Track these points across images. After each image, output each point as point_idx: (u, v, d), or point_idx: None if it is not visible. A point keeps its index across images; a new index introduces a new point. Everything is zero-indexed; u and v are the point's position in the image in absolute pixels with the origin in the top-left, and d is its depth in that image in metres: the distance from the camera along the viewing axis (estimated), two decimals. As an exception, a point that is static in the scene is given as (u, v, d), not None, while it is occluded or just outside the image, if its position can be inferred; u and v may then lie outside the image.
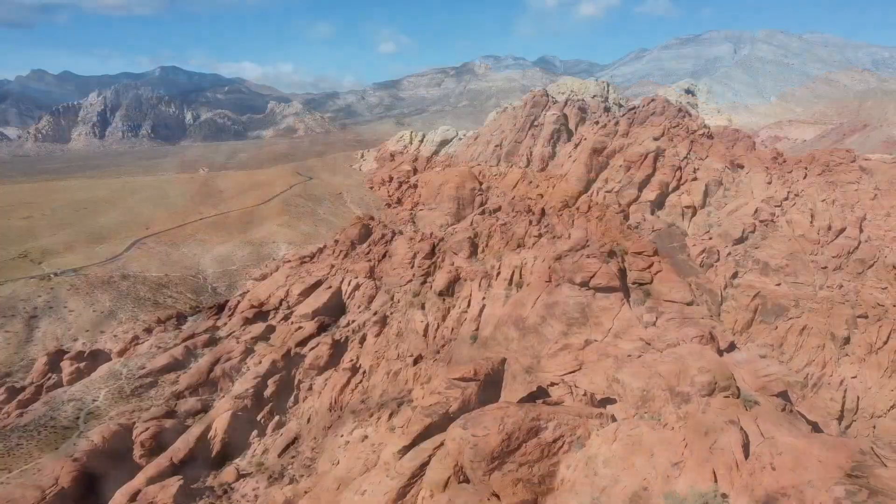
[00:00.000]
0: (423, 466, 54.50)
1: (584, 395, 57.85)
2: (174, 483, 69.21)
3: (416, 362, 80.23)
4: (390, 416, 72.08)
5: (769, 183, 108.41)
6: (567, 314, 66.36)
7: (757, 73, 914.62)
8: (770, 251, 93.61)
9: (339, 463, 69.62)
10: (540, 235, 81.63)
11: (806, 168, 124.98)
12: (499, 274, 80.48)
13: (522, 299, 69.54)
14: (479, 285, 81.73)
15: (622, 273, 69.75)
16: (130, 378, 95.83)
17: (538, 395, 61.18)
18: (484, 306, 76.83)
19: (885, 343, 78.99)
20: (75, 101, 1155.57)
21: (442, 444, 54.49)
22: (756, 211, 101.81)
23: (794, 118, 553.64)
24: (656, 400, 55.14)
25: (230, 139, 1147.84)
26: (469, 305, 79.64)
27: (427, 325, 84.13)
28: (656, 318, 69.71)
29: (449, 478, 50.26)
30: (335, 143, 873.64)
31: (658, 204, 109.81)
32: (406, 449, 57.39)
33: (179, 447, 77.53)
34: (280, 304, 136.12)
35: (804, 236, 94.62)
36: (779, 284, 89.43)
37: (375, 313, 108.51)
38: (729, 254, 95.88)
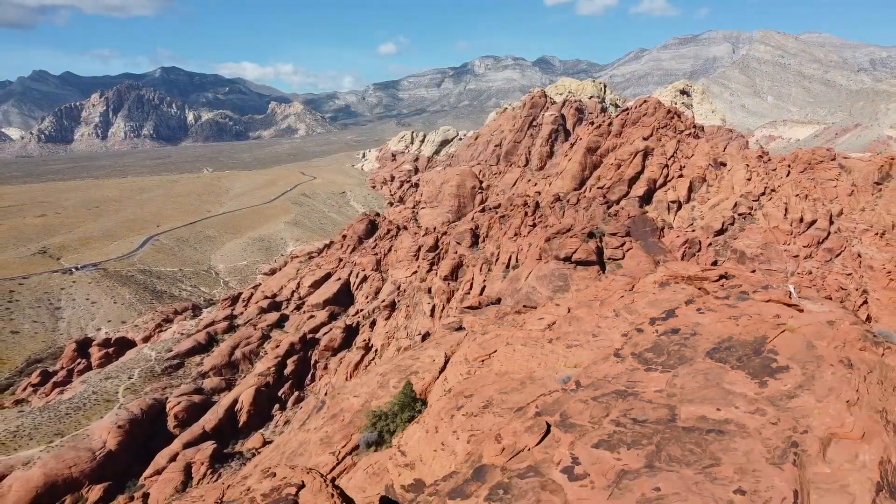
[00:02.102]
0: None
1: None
2: (209, 447, 77.24)
3: (423, 339, 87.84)
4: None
5: (749, 179, 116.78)
6: (552, 282, 74.84)
7: (754, 73, 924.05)
8: (747, 241, 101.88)
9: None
10: (534, 225, 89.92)
11: (789, 166, 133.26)
12: (497, 259, 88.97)
13: (518, 275, 77.95)
14: (480, 269, 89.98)
15: (599, 251, 79.34)
16: (160, 360, 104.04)
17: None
18: (484, 286, 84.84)
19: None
20: (77, 102, 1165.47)
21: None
22: (735, 205, 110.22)
23: (789, 118, 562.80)
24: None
25: (231, 139, 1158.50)
26: (471, 287, 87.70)
27: (434, 307, 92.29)
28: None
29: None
30: (336, 142, 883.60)
31: (646, 199, 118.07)
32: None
33: (210, 418, 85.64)
34: (292, 295, 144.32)
35: (778, 228, 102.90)
36: (753, 271, 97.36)
37: (383, 301, 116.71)
38: (710, 244, 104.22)
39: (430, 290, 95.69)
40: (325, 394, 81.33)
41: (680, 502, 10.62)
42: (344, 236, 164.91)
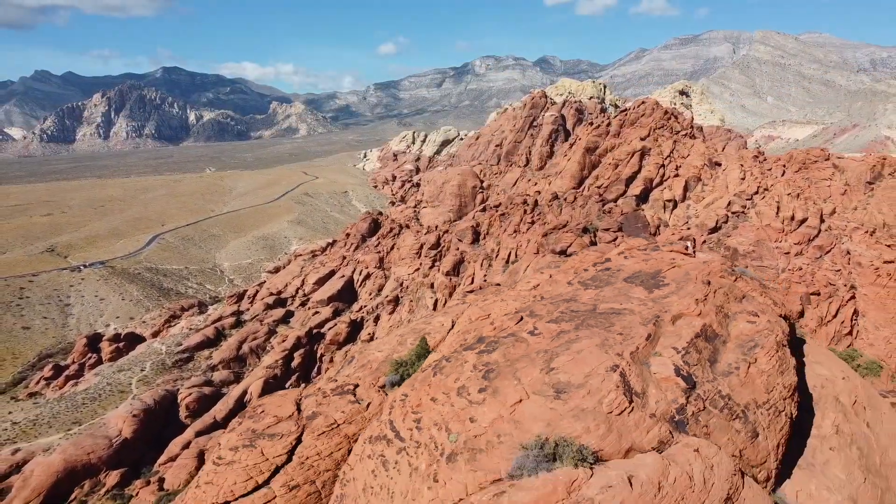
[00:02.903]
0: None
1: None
2: (220, 435, 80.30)
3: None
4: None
5: (743, 179, 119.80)
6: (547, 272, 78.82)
7: (754, 73, 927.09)
8: (739, 239, 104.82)
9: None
10: (533, 222, 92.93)
11: (784, 166, 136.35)
12: (497, 255, 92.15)
13: (517, 268, 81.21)
14: (481, 265, 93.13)
15: (593, 245, 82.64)
16: (170, 353, 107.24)
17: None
18: (485, 280, 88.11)
19: (834, 317, 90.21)
20: (79, 102, 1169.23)
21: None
22: (729, 204, 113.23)
23: (788, 118, 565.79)
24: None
25: (233, 139, 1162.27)
26: (472, 281, 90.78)
27: (436, 301, 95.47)
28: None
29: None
30: (338, 142, 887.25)
31: (643, 198, 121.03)
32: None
33: (220, 408, 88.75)
34: (296, 292, 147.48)
35: (770, 225, 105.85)
36: (746, 267, 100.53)
37: (387, 296, 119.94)
38: (704, 241, 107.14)
39: (432, 286, 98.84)
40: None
41: (588, 338, 19.00)
42: (347, 234, 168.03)
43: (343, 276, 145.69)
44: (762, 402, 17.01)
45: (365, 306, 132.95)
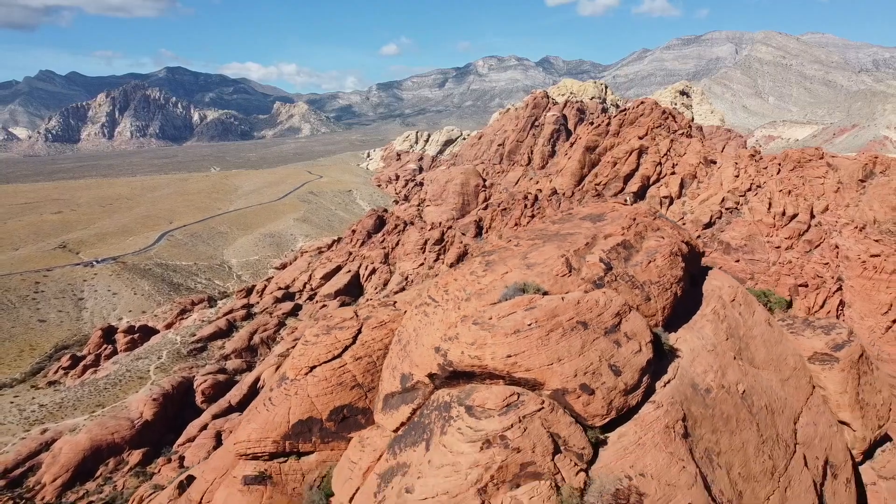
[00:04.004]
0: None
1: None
2: (237, 417, 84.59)
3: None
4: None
5: (737, 176, 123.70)
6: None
7: (756, 73, 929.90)
8: (732, 234, 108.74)
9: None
10: (533, 216, 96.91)
11: (779, 164, 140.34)
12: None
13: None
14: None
15: None
16: (185, 343, 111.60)
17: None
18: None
19: (821, 307, 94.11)
20: (84, 102, 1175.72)
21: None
22: (723, 200, 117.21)
23: (789, 118, 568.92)
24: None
25: (237, 139, 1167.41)
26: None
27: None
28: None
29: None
30: (341, 142, 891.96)
31: (640, 195, 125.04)
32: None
33: (235, 393, 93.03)
34: (304, 286, 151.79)
35: (762, 221, 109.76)
36: (738, 261, 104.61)
37: (392, 290, 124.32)
38: (698, 237, 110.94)
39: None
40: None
41: (549, 245, 28.41)
42: (353, 231, 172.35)
43: (349, 270, 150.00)
44: (655, 281, 27.15)
45: (370, 300, 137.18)
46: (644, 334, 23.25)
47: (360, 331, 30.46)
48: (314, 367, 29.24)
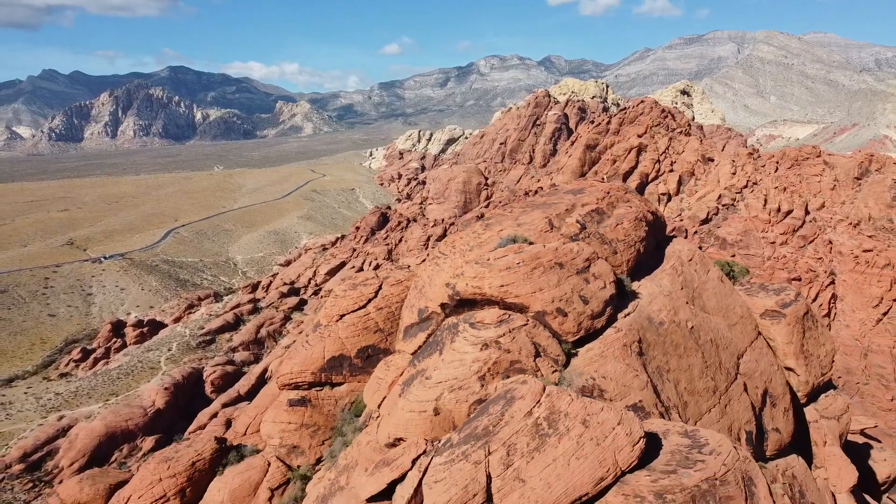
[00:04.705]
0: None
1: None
2: (244, 406, 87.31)
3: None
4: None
5: (734, 174, 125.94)
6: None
7: (757, 73, 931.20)
8: (728, 229, 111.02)
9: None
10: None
11: (777, 162, 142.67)
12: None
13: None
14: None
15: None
16: (193, 336, 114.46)
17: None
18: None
19: (814, 300, 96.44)
20: (87, 101, 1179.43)
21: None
22: (720, 197, 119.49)
23: (790, 118, 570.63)
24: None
25: (239, 138, 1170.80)
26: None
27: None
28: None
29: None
30: (343, 141, 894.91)
31: (639, 192, 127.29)
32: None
33: (244, 383, 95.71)
34: (309, 282, 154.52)
35: (757, 217, 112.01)
36: (733, 256, 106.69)
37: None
38: (695, 232, 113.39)
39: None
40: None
41: (536, 211, 35.12)
42: (357, 228, 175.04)
43: (353, 266, 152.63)
44: (621, 239, 33.29)
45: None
46: (609, 276, 28.77)
47: (380, 287, 36.66)
48: (343, 315, 35.58)
